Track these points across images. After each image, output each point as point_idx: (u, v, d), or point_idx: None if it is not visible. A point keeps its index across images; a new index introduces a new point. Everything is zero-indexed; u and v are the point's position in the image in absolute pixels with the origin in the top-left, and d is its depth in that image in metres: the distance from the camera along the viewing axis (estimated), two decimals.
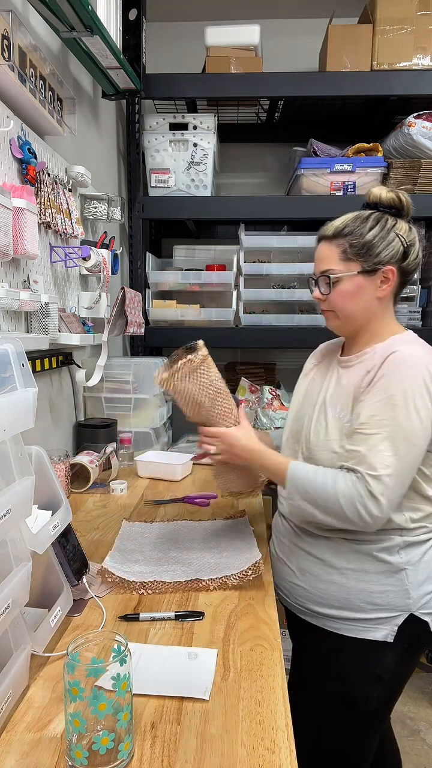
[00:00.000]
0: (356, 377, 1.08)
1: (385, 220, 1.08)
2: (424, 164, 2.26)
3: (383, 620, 1.05)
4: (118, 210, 1.95)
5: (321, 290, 1.12)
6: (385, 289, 1.09)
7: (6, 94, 1.30)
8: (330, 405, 1.11)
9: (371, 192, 1.11)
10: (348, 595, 1.06)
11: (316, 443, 1.10)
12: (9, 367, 0.76)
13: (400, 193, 1.10)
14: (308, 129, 2.64)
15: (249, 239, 2.46)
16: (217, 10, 2.71)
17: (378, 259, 1.06)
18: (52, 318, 1.48)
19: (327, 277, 1.09)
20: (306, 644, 1.19)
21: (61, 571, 0.98)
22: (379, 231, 1.07)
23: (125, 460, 1.90)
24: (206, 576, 1.10)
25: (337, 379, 1.14)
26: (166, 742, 0.70)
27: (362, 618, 1.06)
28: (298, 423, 1.20)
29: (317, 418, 1.13)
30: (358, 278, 1.07)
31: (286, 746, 0.70)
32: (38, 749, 0.69)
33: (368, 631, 1.05)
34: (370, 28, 2.23)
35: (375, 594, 1.05)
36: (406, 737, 1.93)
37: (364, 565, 1.06)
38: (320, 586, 1.10)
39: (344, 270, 1.08)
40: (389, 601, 1.05)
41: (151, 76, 2.28)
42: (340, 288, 1.09)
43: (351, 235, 1.07)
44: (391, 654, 1.06)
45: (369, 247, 1.06)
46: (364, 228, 1.07)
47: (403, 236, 1.08)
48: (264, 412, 2.51)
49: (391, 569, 1.05)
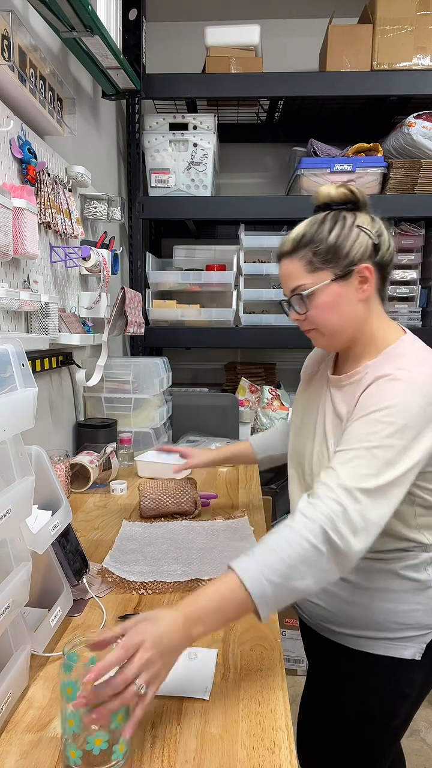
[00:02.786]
0: (349, 404, 0.98)
1: (343, 218, 0.97)
2: (424, 164, 2.26)
3: (411, 638, 1.00)
4: (118, 210, 1.95)
5: (297, 310, 1.00)
6: (366, 290, 0.97)
7: (6, 94, 1.30)
8: (331, 436, 1.01)
9: (320, 192, 1.00)
10: (372, 616, 1.00)
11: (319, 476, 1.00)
12: (9, 367, 0.76)
13: (351, 186, 0.99)
14: (308, 129, 2.64)
15: (249, 239, 2.46)
16: (217, 10, 2.71)
17: (349, 260, 0.95)
18: (52, 318, 1.48)
19: (299, 294, 0.98)
20: (327, 660, 1.13)
21: (61, 571, 0.98)
22: (340, 230, 0.96)
23: (125, 460, 1.90)
24: (206, 576, 1.10)
25: (332, 403, 1.04)
26: (166, 742, 0.70)
27: (389, 637, 1.00)
28: (299, 444, 1.11)
29: (319, 449, 1.03)
30: (333, 286, 0.96)
31: (286, 746, 0.70)
32: (38, 749, 0.69)
33: (395, 649, 1.00)
34: (370, 28, 2.24)
35: (402, 613, 0.99)
36: (406, 737, 1.92)
37: (390, 584, 0.99)
38: (342, 607, 1.03)
39: (315, 282, 0.96)
40: (417, 620, 0.99)
41: (151, 76, 2.28)
42: (317, 302, 0.97)
43: (312, 242, 0.96)
44: (418, 671, 1.01)
45: (335, 250, 0.95)
46: (323, 231, 0.96)
47: (368, 229, 0.96)
48: (264, 412, 2.51)
49: (419, 587, 0.99)
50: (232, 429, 2.28)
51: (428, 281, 2.51)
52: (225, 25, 2.32)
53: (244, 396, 2.60)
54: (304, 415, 1.13)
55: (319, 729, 1.12)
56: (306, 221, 1.00)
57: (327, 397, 1.06)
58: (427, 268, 2.50)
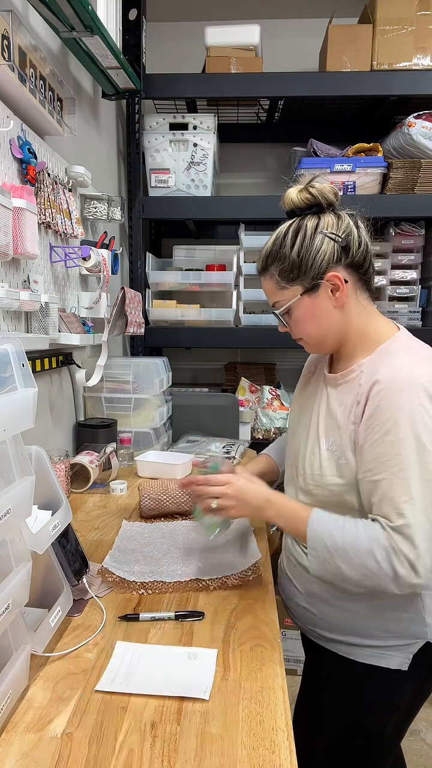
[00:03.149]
0: (344, 404, 0.98)
1: (304, 227, 0.95)
2: (424, 164, 2.26)
3: (397, 647, 0.98)
4: (118, 210, 1.95)
5: (283, 322, 1.05)
6: (340, 296, 0.96)
7: (6, 94, 1.30)
8: (323, 435, 1.01)
9: (284, 199, 1.00)
10: (358, 623, 0.99)
11: (312, 477, 1.02)
12: (9, 367, 0.76)
13: (311, 188, 0.97)
14: (308, 129, 2.64)
15: (249, 239, 2.46)
16: (217, 10, 2.71)
17: (314, 272, 0.95)
18: (52, 318, 1.48)
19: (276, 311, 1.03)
20: (318, 665, 1.13)
21: (61, 571, 0.98)
22: (301, 242, 0.95)
23: (125, 460, 1.90)
24: (206, 576, 1.10)
25: (327, 402, 1.04)
26: (166, 742, 0.70)
27: (374, 645, 0.99)
28: (295, 444, 1.11)
29: (311, 449, 1.03)
30: (305, 300, 0.97)
31: (286, 746, 0.70)
32: (38, 749, 0.69)
33: (382, 658, 0.99)
34: (370, 28, 2.24)
35: (389, 621, 0.98)
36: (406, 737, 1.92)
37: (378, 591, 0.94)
38: (329, 612, 1.03)
39: (288, 298, 0.99)
40: (404, 629, 0.98)
41: (151, 76, 2.28)
42: (294, 316, 1.00)
43: (276, 260, 0.98)
44: (406, 682, 1.00)
45: (299, 266, 0.95)
46: (286, 247, 0.96)
47: (333, 232, 0.94)
48: (264, 412, 2.51)
49: (407, 596, 0.95)
50: (232, 429, 2.28)
51: (428, 281, 2.51)
52: (225, 25, 2.32)
53: (244, 396, 2.60)
54: (300, 415, 1.13)
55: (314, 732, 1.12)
56: (272, 235, 1.01)
57: (323, 396, 1.06)
58: (427, 268, 2.50)
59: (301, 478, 1.06)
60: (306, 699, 1.19)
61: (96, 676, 0.83)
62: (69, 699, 0.78)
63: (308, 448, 1.05)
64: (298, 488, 1.08)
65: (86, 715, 0.75)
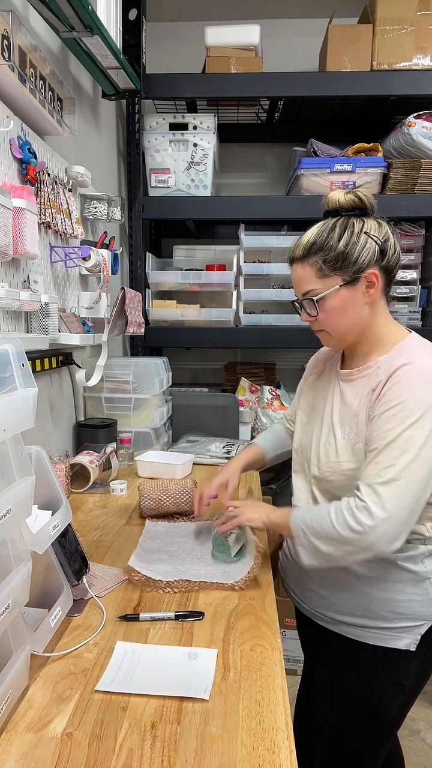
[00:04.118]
0: (360, 394, 1.04)
1: (352, 225, 1.02)
2: (424, 164, 2.26)
3: (406, 629, 1.03)
4: (118, 210, 1.95)
5: (308, 312, 1.06)
6: (373, 294, 1.03)
7: (6, 94, 1.30)
8: (338, 426, 1.07)
9: (329, 199, 1.05)
10: (370, 604, 1.04)
11: (327, 464, 1.07)
12: (9, 367, 0.76)
13: (359, 193, 1.04)
14: (308, 129, 2.64)
15: (249, 239, 2.46)
16: (217, 10, 2.71)
17: (357, 266, 1.00)
18: (52, 318, 1.48)
19: (310, 299, 1.04)
20: (322, 649, 1.15)
21: (61, 571, 0.98)
22: (349, 237, 1.00)
23: (125, 460, 1.90)
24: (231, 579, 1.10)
25: (340, 396, 1.09)
26: (166, 742, 0.70)
27: (385, 627, 1.03)
28: (305, 439, 1.16)
29: (326, 439, 1.08)
30: (342, 291, 1.02)
31: (286, 746, 0.70)
32: (38, 749, 0.69)
33: (391, 639, 1.03)
34: (370, 28, 2.24)
35: (399, 603, 1.02)
36: (406, 737, 1.93)
37: (388, 574, 1.03)
38: (341, 595, 1.07)
39: (325, 287, 1.02)
40: (414, 611, 1.02)
41: (151, 76, 2.28)
42: (327, 306, 1.03)
43: (322, 250, 1.01)
44: (413, 662, 1.04)
45: (344, 257, 1.00)
46: (333, 239, 1.01)
47: (375, 235, 1.01)
48: (264, 412, 2.51)
49: (416, 578, 1.02)
50: (232, 429, 2.28)
51: (428, 281, 2.51)
52: (225, 25, 2.32)
53: (244, 396, 2.60)
54: (311, 411, 1.18)
55: (315, 721, 1.14)
56: (316, 227, 1.05)
57: (336, 391, 1.11)
58: (427, 268, 2.50)
59: (314, 468, 1.11)
60: (310, 684, 1.20)
61: (96, 676, 0.83)
62: (69, 699, 0.78)
63: (322, 439, 1.10)
64: (310, 477, 1.13)
65: (86, 715, 0.75)
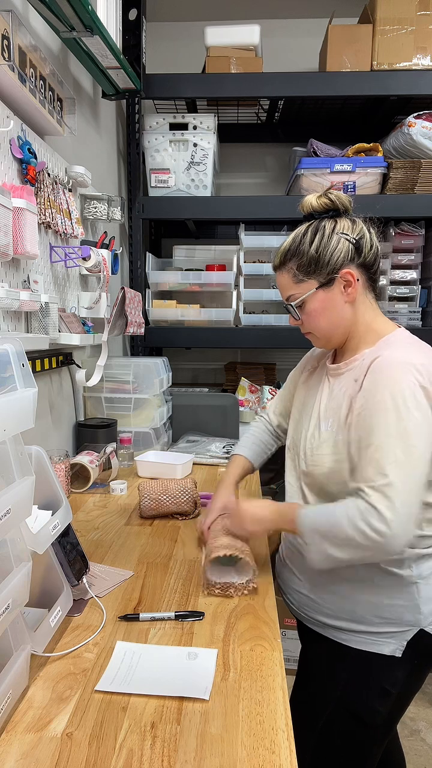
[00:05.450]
0: (346, 387, 1.05)
1: (323, 228, 1.04)
2: (424, 164, 2.26)
3: (391, 634, 1.01)
4: (118, 210, 1.95)
5: (294, 316, 1.11)
6: (351, 293, 1.05)
7: (6, 94, 1.30)
8: (323, 419, 1.08)
9: (303, 204, 1.08)
10: (355, 608, 1.03)
11: (312, 458, 1.08)
12: (9, 367, 0.76)
13: (330, 195, 1.06)
14: (308, 129, 2.64)
15: (249, 239, 2.46)
16: (217, 10, 2.71)
17: (330, 267, 1.03)
18: (52, 318, 1.48)
19: (290, 304, 1.09)
20: (313, 652, 1.16)
21: (61, 571, 0.98)
22: (319, 240, 1.03)
23: (125, 460, 1.90)
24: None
25: (328, 390, 1.11)
26: (166, 742, 0.70)
27: (370, 631, 1.02)
28: (296, 435, 1.17)
29: (312, 433, 1.10)
30: (320, 294, 1.05)
31: (286, 746, 0.70)
32: (38, 749, 0.69)
33: (375, 644, 1.02)
34: (370, 28, 2.24)
35: (383, 607, 1.01)
36: (406, 737, 1.93)
37: (372, 577, 1.01)
38: (327, 597, 1.07)
39: (302, 291, 1.06)
40: (398, 616, 1.01)
41: (151, 76, 2.28)
42: (308, 309, 1.07)
43: (295, 256, 1.05)
44: (400, 669, 1.03)
45: (316, 261, 1.03)
46: (305, 243, 1.04)
47: (348, 234, 1.03)
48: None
49: (401, 583, 1.01)
50: (232, 429, 2.28)
51: (428, 281, 2.51)
52: (225, 25, 2.32)
53: (244, 396, 2.60)
54: (302, 407, 1.19)
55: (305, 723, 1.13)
56: (291, 235, 1.09)
57: (325, 386, 1.13)
58: (427, 268, 2.50)
59: (302, 462, 1.12)
60: (300, 686, 1.20)
61: (96, 676, 0.83)
62: (69, 699, 0.78)
63: (309, 433, 1.11)
64: (299, 473, 1.13)
65: (86, 715, 0.75)
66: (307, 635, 1.16)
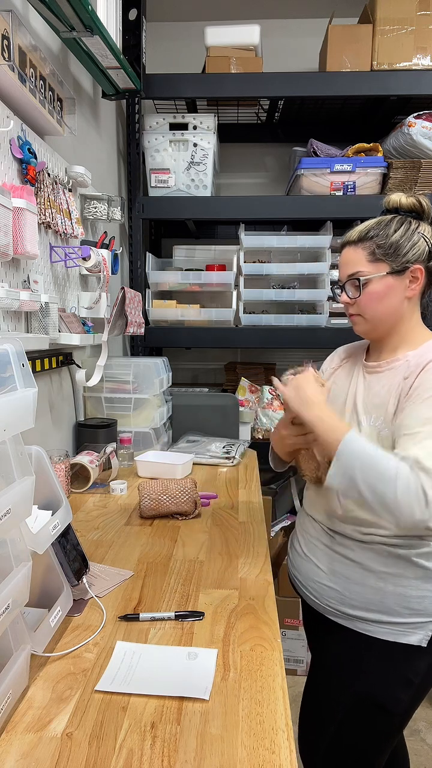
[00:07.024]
0: (389, 384, 1.07)
1: (408, 222, 1.09)
2: (424, 164, 2.26)
3: (418, 625, 1.04)
4: (118, 210, 1.95)
5: (349, 294, 1.11)
6: (414, 289, 1.08)
7: (6, 94, 1.30)
8: (363, 413, 1.10)
9: (390, 198, 1.13)
10: (384, 599, 1.05)
11: None
12: (9, 367, 0.76)
13: (420, 198, 1.11)
14: (308, 129, 2.64)
15: (249, 239, 2.46)
16: (217, 10, 2.71)
17: (406, 258, 1.07)
18: (52, 318, 1.48)
19: (356, 279, 1.09)
20: (332, 644, 1.16)
21: (61, 571, 0.98)
22: (404, 232, 1.08)
23: (125, 460, 1.90)
24: None
25: (365, 385, 1.13)
26: (166, 742, 0.70)
27: (397, 622, 1.05)
28: None
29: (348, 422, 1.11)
30: (388, 278, 1.07)
31: (286, 746, 0.70)
32: (38, 749, 0.69)
33: (402, 634, 1.05)
34: (370, 28, 2.24)
35: (412, 599, 1.04)
36: (406, 737, 1.92)
37: (403, 570, 1.04)
38: (354, 589, 1.08)
39: (373, 271, 1.08)
40: (426, 606, 1.04)
41: (151, 76, 2.28)
42: (370, 289, 1.08)
43: (377, 237, 1.08)
44: (423, 658, 1.05)
45: (396, 247, 1.07)
46: (389, 229, 1.08)
47: (428, 237, 1.08)
48: (264, 412, 2.51)
49: (429, 575, 1.04)
50: (232, 429, 2.28)
51: None
52: (225, 25, 2.32)
53: (244, 396, 2.60)
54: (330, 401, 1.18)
55: (320, 718, 1.14)
56: (374, 220, 1.12)
57: (359, 382, 1.15)
58: None
59: None
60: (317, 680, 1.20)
61: (96, 676, 0.83)
62: (69, 699, 0.78)
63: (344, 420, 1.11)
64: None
65: (86, 715, 0.75)
66: (324, 627, 1.16)
